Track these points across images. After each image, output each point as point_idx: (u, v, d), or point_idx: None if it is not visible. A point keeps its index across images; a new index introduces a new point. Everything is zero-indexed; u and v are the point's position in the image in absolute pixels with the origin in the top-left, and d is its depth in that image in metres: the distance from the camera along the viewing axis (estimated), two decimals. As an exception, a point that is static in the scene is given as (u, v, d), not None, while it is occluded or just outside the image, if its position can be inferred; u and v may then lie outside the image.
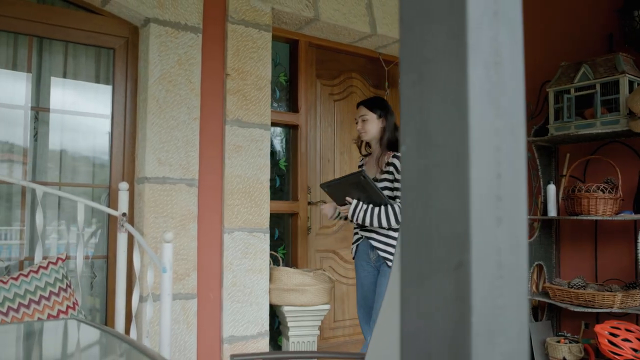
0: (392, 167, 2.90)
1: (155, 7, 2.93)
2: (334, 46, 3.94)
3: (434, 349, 0.39)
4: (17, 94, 2.87)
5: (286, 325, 3.27)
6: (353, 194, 2.84)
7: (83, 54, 3.04)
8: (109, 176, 3.00)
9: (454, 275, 0.39)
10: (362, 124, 3.01)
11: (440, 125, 0.40)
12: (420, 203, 0.41)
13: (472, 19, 0.39)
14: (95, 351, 1.30)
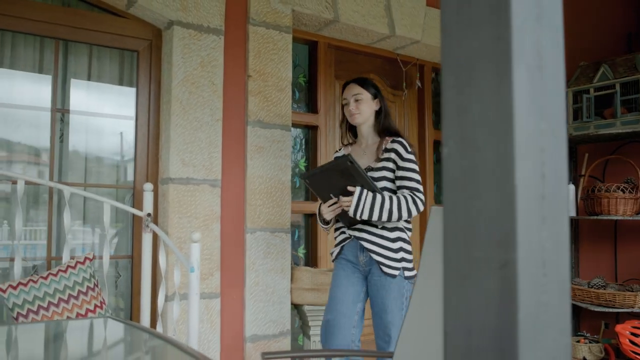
0: (394, 153, 2.60)
1: (178, 9, 2.97)
2: (352, 47, 3.95)
3: (479, 346, 0.40)
4: (43, 97, 2.92)
5: (307, 324, 3.29)
6: (338, 189, 2.49)
7: (107, 56, 3.09)
8: (133, 177, 3.04)
9: (499, 274, 0.40)
10: (355, 105, 2.69)
11: (484, 128, 0.41)
12: (462, 204, 0.42)
13: (516, 23, 0.40)
14: (139, 350, 1.33)
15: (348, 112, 2.73)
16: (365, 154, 2.70)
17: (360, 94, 2.71)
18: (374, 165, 2.61)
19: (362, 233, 2.59)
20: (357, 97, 2.69)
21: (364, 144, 2.75)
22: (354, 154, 2.73)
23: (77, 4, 2.97)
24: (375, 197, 2.45)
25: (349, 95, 2.72)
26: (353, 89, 2.73)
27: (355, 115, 2.69)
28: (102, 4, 2.97)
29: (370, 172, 2.59)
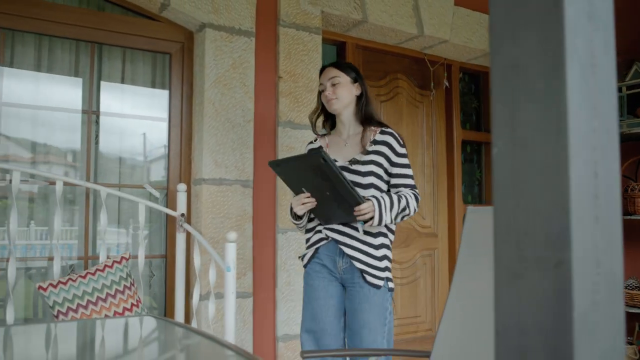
0: (386, 146, 2.28)
1: (210, 12, 3.01)
2: (379, 47, 3.95)
3: (532, 345, 0.40)
4: (78, 99, 2.99)
5: (338, 324, 3.29)
6: (311, 184, 2.14)
7: (140, 59, 3.14)
8: (166, 178, 3.09)
9: (553, 274, 0.40)
10: (332, 89, 2.35)
11: (536, 127, 0.41)
12: (514, 204, 0.42)
13: (568, 23, 0.40)
14: (186, 348, 1.35)
15: (324, 98, 2.39)
16: (347, 145, 2.36)
17: (338, 76, 2.37)
18: (360, 158, 2.26)
19: (343, 237, 2.24)
20: (335, 81, 2.37)
21: (344, 134, 2.41)
22: (334, 145, 2.40)
23: (111, 9, 3.03)
24: (392, 199, 2.17)
25: (325, 80, 2.40)
26: (329, 72, 2.40)
27: (332, 100, 2.35)
28: (136, 8, 3.02)
29: (355, 165, 2.25)
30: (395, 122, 4.02)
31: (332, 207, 2.17)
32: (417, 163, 4.10)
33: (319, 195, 2.15)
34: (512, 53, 0.43)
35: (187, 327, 1.46)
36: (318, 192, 2.13)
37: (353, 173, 2.24)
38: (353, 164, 2.26)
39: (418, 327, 4.01)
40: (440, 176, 4.21)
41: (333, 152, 2.35)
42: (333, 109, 2.38)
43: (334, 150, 2.37)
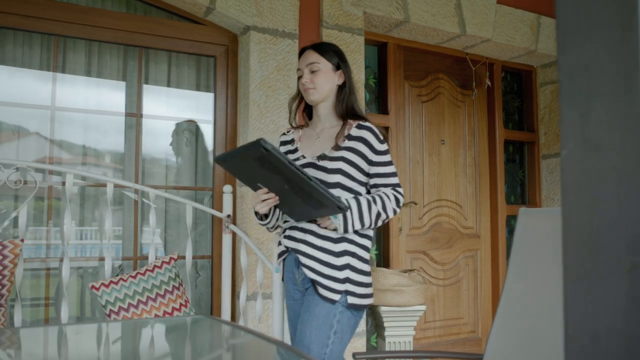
0: (362, 143, 2.00)
1: (254, 15, 3.04)
2: (421, 47, 3.94)
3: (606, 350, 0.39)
4: (126, 103, 3.05)
5: (382, 325, 3.29)
6: (265, 178, 1.84)
7: (185, 62, 3.19)
8: (211, 179, 3.13)
9: (628, 277, 0.39)
10: (310, 77, 2.06)
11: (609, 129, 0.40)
12: (585, 207, 0.41)
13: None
14: (246, 349, 1.37)
15: (301, 86, 2.10)
16: (318, 139, 2.09)
17: (317, 62, 2.06)
18: (329, 154, 2.00)
19: (299, 244, 1.98)
20: (313, 67, 2.06)
21: (319, 127, 2.13)
22: (306, 139, 2.14)
23: (157, 13, 3.08)
24: (361, 204, 1.91)
25: (303, 65, 2.09)
26: (308, 57, 2.10)
27: (309, 90, 2.06)
28: (181, 12, 3.07)
29: (322, 160, 2.00)
30: (437, 123, 4.00)
31: (297, 202, 1.87)
32: (459, 163, 4.08)
33: (278, 190, 1.86)
34: (583, 54, 0.42)
35: (244, 328, 1.48)
36: (276, 186, 1.85)
37: (319, 169, 1.98)
38: (320, 160, 2.01)
39: (461, 329, 3.98)
40: (482, 176, 4.17)
41: (303, 147, 2.11)
42: (310, 100, 2.08)
43: (305, 145, 2.11)
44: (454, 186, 4.06)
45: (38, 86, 2.86)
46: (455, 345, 3.90)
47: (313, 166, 2.01)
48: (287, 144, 2.19)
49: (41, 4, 2.75)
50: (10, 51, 2.80)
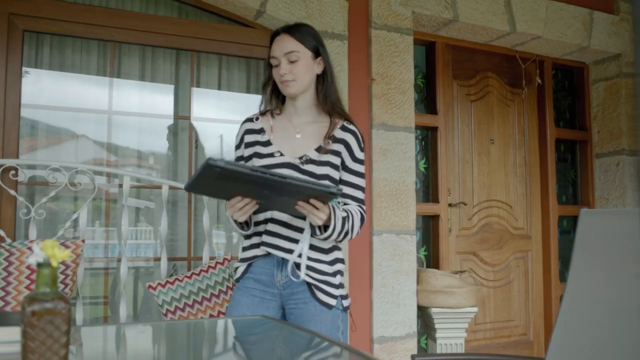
0: (344, 146, 1.86)
1: (304, 17, 3.05)
2: (469, 46, 3.89)
3: None
4: (179, 106, 3.11)
5: (433, 327, 3.27)
6: (241, 189, 1.64)
7: (235, 65, 3.23)
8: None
9: None
10: (289, 67, 1.83)
11: None
12: None
13: None
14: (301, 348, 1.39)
15: (277, 77, 1.86)
16: (298, 136, 1.88)
17: (297, 51, 1.83)
18: (315, 158, 1.82)
19: (287, 253, 1.80)
20: (293, 57, 1.83)
21: (295, 119, 1.91)
22: (281, 132, 1.89)
23: (208, 17, 3.13)
24: (339, 215, 1.75)
25: (280, 53, 1.84)
26: (286, 44, 1.84)
27: (289, 82, 1.84)
28: (232, 16, 3.11)
29: (308, 164, 1.81)
30: (486, 122, 3.95)
31: (285, 200, 1.68)
32: (509, 163, 4.01)
33: (259, 196, 1.67)
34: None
35: (301, 329, 1.49)
36: (255, 193, 1.66)
37: (304, 174, 1.79)
38: (305, 164, 1.81)
39: (512, 332, 3.92)
40: (533, 176, 4.10)
41: (278, 140, 1.87)
42: (289, 93, 1.86)
43: (280, 138, 1.88)
44: (503, 186, 4.00)
45: (95, 91, 2.94)
46: (507, 348, 3.84)
47: (296, 169, 1.80)
48: (254, 132, 1.91)
49: (98, 11, 2.83)
50: (70, 58, 2.89)
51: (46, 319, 1.14)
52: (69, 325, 1.17)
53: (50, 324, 1.15)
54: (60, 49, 2.86)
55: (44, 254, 1.20)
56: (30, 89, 2.78)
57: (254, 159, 1.88)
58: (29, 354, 1.13)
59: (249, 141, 1.92)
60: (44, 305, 1.15)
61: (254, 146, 1.90)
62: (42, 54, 2.84)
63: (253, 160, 1.89)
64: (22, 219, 2.66)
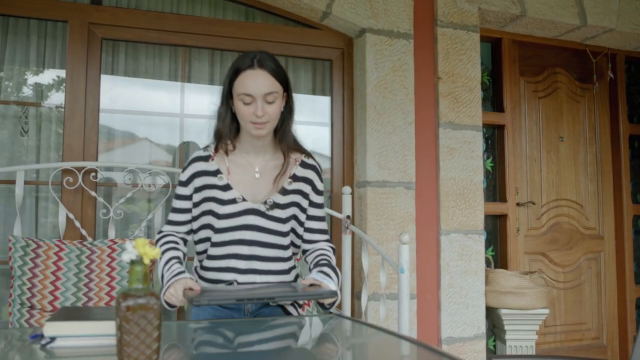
0: (307, 184, 1.79)
1: (370, 17, 3.06)
2: (536, 41, 3.80)
3: None
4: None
5: (502, 328, 3.21)
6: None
7: (301, 67, 3.27)
8: (330, 181, 3.19)
9: None
10: (265, 108, 1.65)
11: None
12: None
13: None
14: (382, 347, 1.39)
15: (248, 116, 1.66)
16: (259, 178, 1.75)
17: (276, 91, 1.67)
18: (279, 201, 1.72)
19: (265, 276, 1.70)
20: (270, 98, 1.66)
21: (252, 157, 1.77)
22: (239, 174, 1.75)
23: (274, 20, 3.18)
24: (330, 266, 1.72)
25: (258, 93, 1.64)
26: (265, 83, 1.65)
27: (265, 125, 1.67)
28: (298, 18, 3.14)
29: (272, 210, 1.71)
30: (554, 119, 3.85)
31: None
32: (579, 161, 3.89)
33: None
34: None
35: (380, 328, 1.49)
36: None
37: (270, 219, 1.70)
38: (270, 209, 1.71)
39: (584, 335, 3.80)
40: (605, 174, 3.96)
41: (237, 184, 1.73)
42: (260, 135, 1.69)
43: (239, 181, 1.73)
44: (573, 185, 3.88)
45: (167, 95, 3.04)
46: (579, 352, 3.73)
47: (261, 215, 1.70)
48: (208, 174, 1.74)
49: (171, 18, 2.92)
50: (143, 64, 3.00)
51: (139, 314, 1.20)
52: (160, 320, 1.22)
53: (144, 319, 1.20)
54: (135, 55, 2.97)
55: (137, 252, 1.25)
56: (107, 95, 2.90)
57: (212, 204, 1.72)
58: (124, 347, 1.19)
59: (200, 185, 1.75)
60: (137, 301, 1.20)
61: (209, 189, 1.74)
62: (118, 61, 2.95)
63: (211, 206, 1.72)
64: (101, 219, 2.78)
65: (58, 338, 1.34)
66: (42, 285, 2.37)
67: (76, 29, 2.76)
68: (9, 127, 2.78)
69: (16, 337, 1.50)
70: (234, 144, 1.76)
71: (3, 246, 2.66)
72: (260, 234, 1.70)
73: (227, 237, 1.70)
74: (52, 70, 2.86)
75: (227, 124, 1.73)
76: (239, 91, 1.66)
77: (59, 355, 1.26)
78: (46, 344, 1.32)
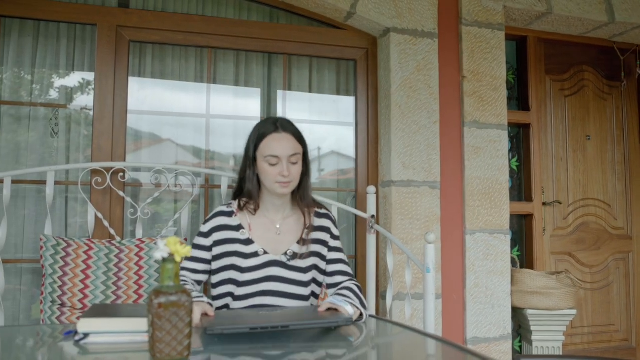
0: (324, 232, 1.92)
1: (394, 17, 3.06)
2: (563, 39, 3.76)
3: None
4: (273, 109, 3.19)
5: (528, 329, 3.19)
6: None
7: (326, 67, 3.28)
8: (354, 181, 3.19)
9: None
10: (290, 168, 1.82)
11: None
12: None
13: None
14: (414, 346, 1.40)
15: (274, 176, 1.80)
16: (280, 234, 1.87)
17: (299, 153, 1.86)
18: (299, 251, 1.84)
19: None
20: (294, 159, 1.83)
21: (272, 215, 1.90)
22: (260, 230, 1.87)
23: (298, 21, 3.19)
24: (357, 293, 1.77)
25: (285, 154, 1.81)
26: (290, 144, 1.83)
27: (289, 184, 1.82)
28: (322, 18, 3.15)
29: (293, 260, 1.82)
30: (581, 118, 3.80)
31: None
32: (607, 160, 3.84)
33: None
34: None
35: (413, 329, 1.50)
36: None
37: (292, 270, 1.81)
38: (291, 260, 1.82)
39: (612, 337, 3.74)
40: (634, 173, 3.90)
41: (259, 239, 1.84)
42: (284, 194, 1.85)
43: (260, 237, 1.85)
44: (601, 184, 3.83)
45: (193, 96, 3.07)
46: (607, 354, 3.68)
47: (283, 266, 1.81)
48: (229, 229, 1.86)
49: (197, 20, 2.95)
50: (169, 65, 3.04)
51: (171, 311, 1.22)
52: (191, 318, 1.24)
53: (175, 316, 1.23)
54: (161, 57, 3.01)
55: (168, 250, 1.27)
56: (135, 96, 2.95)
57: (235, 258, 1.81)
58: (156, 344, 1.21)
59: (221, 239, 1.85)
60: (169, 298, 1.22)
61: (231, 244, 1.84)
62: (145, 63, 3.00)
63: (233, 260, 1.80)
64: (128, 218, 2.82)
65: (91, 334, 1.37)
66: (72, 284, 2.41)
67: (105, 31, 2.81)
68: (40, 129, 2.84)
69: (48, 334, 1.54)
70: (257, 203, 1.90)
71: (35, 245, 2.72)
72: (283, 284, 1.79)
73: (250, 290, 1.79)
74: (80, 73, 2.91)
75: (255, 184, 1.89)
76: (266, 153, 1.82)
77: (92, 352, 1.29)
78: (79, 340, 1.35)
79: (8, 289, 2.63)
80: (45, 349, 1.40)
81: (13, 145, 2.79)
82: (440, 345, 1.36)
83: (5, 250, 2.46)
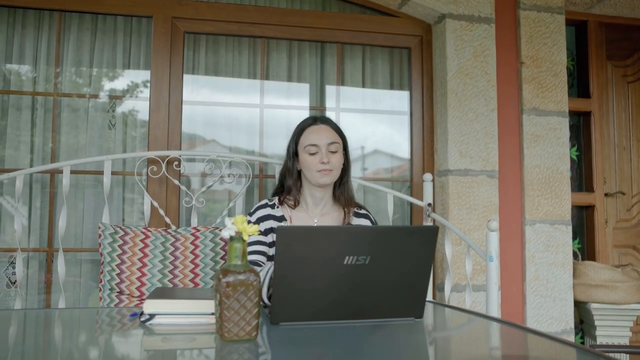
0: None
1: (449, 2, 2.99)
2: (626, 22, 3.61)
3: None
4: (326, 99, 3.17)
5: (592, 324, 3.07)
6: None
7: (379, 56, 3.23)
8: (409, 170, 3.14)
9: None
10: (329, 157, 1.89)
11: None
12: None
13: None
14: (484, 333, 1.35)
15: (315, 165, 1.88)
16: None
17: (337, 142, 1.93)
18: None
19: None
20: (333, 148, 1.91)
21: (312, 210, 1.96)
22: (299, 223, 1.94)
23: (350, 9, 3.15)
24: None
25: (323, 142, 1.90)
26: (328, 134, 1.92)
27: (329, 173, 1.88)
28: (375, 6, 3.11)
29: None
30: (646, 104, 3.64)
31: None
32: (674, 149, 3.67)
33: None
34: None
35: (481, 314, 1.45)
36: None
37: None
38: None
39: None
40: (701, 163, 3.71)
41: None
42: (325, 183, 1.90)
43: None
44: (667, 174, 3.66)
45: (247, 86, 3.07)
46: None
47: None
48: (274, 219, 1.92)
49: (250, 10, 2.96)
50: (223, 56, 3.05)
51: (239, 290, 1.20)
52: (259, 297, 1.22)
53: (244, 295, 1.20)
54: (215, 49, 3.02)
55: (236, 228, 1.26)
56: (189, 87, 2.97)
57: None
58: (224, 323, 1.19)
59: (266, 228, 1.91)
60: (237, 277, 1.20)
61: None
62: (199, 54, 3.01)
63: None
64: (184, 207, 2.85)
65: (156, 315, 1.36)
66: (129, 272, 2.44)
67: (160, 23, 2.84)
68: (98, 121, 2.89)
69: (113, 316, 1.55)
70: (297, 199, 1.96)
71: (93, 235, 2.77)
72: None
73: None
74: (136, 65, 2.95)
75: (295, 179, 1.96)
76: (305, 144, 1.91)
77: (159, 332, 1.29)
78: (145, 321, 1.36)
79: (66, 281, 2.69)
80: (112, 329, 1.41)
81: (72, 137, 2.85)
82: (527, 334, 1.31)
83: (64, 240, 2.51)
